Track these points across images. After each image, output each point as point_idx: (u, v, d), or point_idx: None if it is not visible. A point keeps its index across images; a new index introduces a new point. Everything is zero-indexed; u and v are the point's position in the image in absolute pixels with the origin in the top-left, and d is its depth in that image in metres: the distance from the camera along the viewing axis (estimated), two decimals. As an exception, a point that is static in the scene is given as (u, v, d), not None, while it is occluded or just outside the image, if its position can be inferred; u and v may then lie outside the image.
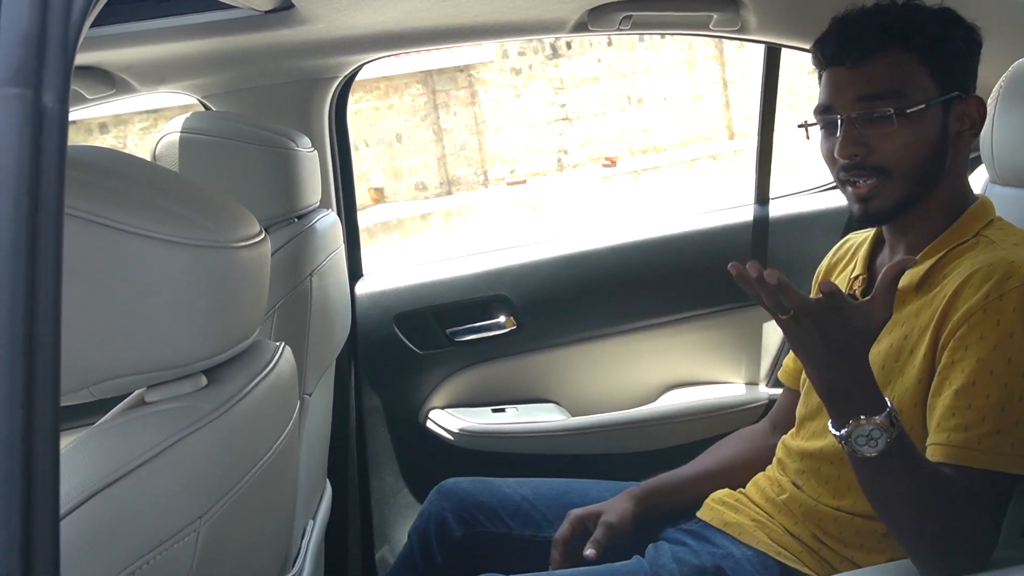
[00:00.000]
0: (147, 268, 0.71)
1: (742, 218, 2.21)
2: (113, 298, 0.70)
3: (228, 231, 0.78)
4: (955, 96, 1.16)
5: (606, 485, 1.54)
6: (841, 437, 0.99)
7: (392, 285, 2.12)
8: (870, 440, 0.97)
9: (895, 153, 1.14)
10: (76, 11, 0.53)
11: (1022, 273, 1.04)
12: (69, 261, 0.68)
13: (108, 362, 0.71)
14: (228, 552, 0.79)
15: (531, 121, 10.55)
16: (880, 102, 1.13)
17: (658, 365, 2.18)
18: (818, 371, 0.99)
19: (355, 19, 1.62)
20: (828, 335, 0.94)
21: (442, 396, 2.12)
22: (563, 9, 1.73)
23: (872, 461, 0.99)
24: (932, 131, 1.14)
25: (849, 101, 1.16)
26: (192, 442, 0.73)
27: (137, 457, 0.69)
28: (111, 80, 1.73)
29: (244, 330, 0.82)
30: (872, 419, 0.97)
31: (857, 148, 1.15)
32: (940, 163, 1.16)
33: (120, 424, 0.74)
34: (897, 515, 1.03)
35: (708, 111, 11.14)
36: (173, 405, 0.75)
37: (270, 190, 1.45)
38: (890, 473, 1.00)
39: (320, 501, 1.71)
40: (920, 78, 1.14)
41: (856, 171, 1.17)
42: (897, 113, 1.12)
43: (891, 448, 0.97)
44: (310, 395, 1.49)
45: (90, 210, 0.68)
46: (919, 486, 1.00)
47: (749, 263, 0.93)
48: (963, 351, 1.05)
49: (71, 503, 0.65)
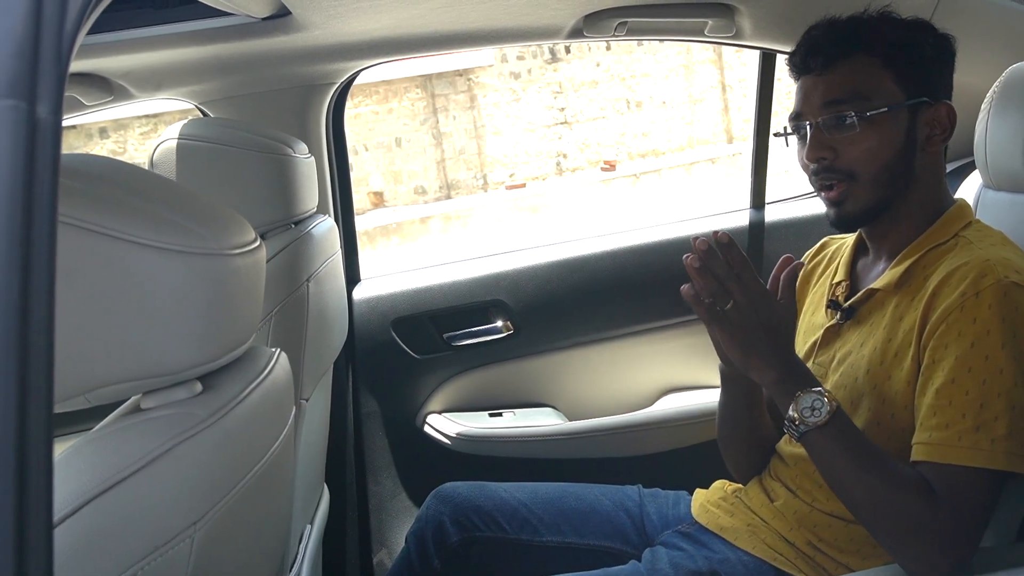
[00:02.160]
0: (142, 275, 0.72)
1: (738, 222, 2.22)
2: (107, 305, 0.71)
3: (223, 238, 0.78)
4: (923, 101, 1.18)
5: (603, 489, 1.54)
6: (790, 419, 1.08)
7: (389, 290, 2.12)
8: (815, 410, 1.06)
9: (860, 156, 1.17)
10: (70, 21, 0.53)
11: (997, 271, 1.06)
12: (64, 268, 0.68)
13: (103, 369, 0.72)
14: (223, 557, 0.80)
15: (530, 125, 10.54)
16: (844, 106, 1.17)
17: (655, 369, 2.18)
18: (761, 359, 1.08)
19: (351, 25, 1.63)
20: (769, 319, 1.06)
21: (439, 400, 2.13)
22: (558, 16, 1.74)
23: (821, 433, 1.06)
24: (897, 135, 1.17)
25: (816, 107, 1.20)
26: (187, 449, 0.73)
27: (132, 464, 0.70)
28: (109, 87, 1.74)
29: (239, 337, 0.83)
30: (810, 390, 1.07)
31: (824, 152, 1.19)
32: (908, 167, 1.19)
33: (115, 431, 0.74)
34: (858, 497, 1.06)
35: (707, 115, 11.14)
36: (168, 412, 0.76)
37: (267, 196, 1.45)
38: (839, 443, 1.06)
39: (318, 505, 1.71)
40: (884, 83, 1.17)
41: (825, 175, 1.20)
42: (859, 117, 1.16)
43: (833, 416, 1.06)
44: (307, 400, 1.49)
45: (84, 218, 0.69)
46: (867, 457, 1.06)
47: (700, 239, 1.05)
48: (943, 350, 1.06)
49: (66, 510, 0.66)
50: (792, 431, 1.09)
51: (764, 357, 1.08)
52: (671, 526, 1.43)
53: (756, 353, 1.08)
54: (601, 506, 1.50)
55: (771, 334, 1.07)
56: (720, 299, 1.06)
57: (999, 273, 1.05)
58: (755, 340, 1.07)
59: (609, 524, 1.48)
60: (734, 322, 1.06)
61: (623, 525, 1.47)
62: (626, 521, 1.48)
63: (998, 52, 1.64)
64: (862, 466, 1.05)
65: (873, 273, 1.27)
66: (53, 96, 0.52)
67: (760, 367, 1.09)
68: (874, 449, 1.07)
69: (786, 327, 1.10)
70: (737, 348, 1.08)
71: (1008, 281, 1.05)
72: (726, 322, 1.07)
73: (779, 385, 1.09)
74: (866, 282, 1.27)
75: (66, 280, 0.69)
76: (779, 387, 1.09)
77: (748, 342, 1.07)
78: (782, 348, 1.09)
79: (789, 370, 1.09)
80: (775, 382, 1.09)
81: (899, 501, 1.03)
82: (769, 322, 1.07)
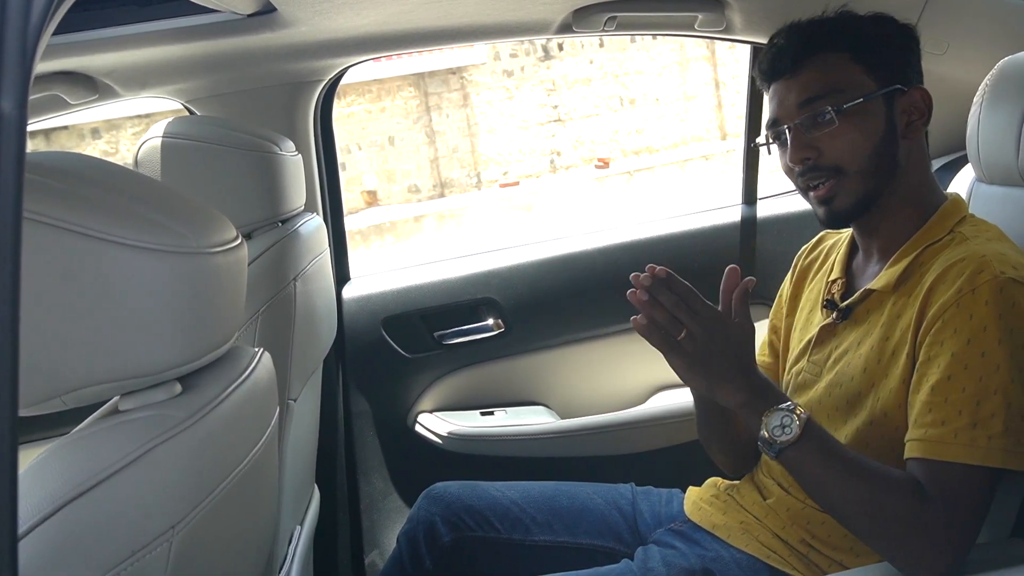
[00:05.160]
0: (118, 275, 0.71)
1: (730, 218, 2.21)
2: (83, 305, 0.69)
3: (202, 236, 0.77)
4: (896, 89, 1.18)
5: (595, 488, 1.53)
6: (762, 439, 1.06)
7: (379, 288, 2.11)
8: (784, 428, 1.04)
9: (844, 149, 1.17)
10: (35, 16, 0.52)
11: (994, 267, 1.05)
12: (39, 268, 0.67)
13: (78, 370, 0.70)
14: (203, 562, 0.78)
15: (524, 123, 10.55)
16: (820, 102, 1.17)
17: (647, 367, 2.17)
18: (724, 382, 1.06)
19: (338, 22, 1.62)
20: (726, 343, 1.05)
21: (431, 399, 2.12)
22: (547, 10, 1.73)
23: (795, 449, 1.04)
24: (877, 125, 1.17)
25: (791, 110, 1.20)
26: (165, 451, 0.72)
27: (108, 467, 0.68)
28: (94, 85, 1.72)
29: (220, 336, 0.81)
30: (777, 407, 1.05)
31: (807, 152, 1.19)
32: (892, 156, 1.19)
33: (92, 433, 0.73)
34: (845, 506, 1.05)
35: (700, 112, 11.15)
36: (146, 413, 0.75)
37: (253, 194, 1.44)
38: (815, 456, 1.05)
39: (308, 506, 1.70)
40: (854, 75, 1.18)
41: (812, 174, 1.20)
42: (836, 111, 1.16)
43: (805, 431, 1.04)
44: (295, 400, 1.48)
45: (60, 216, 0.68)
46: (848, 465, 1.04)
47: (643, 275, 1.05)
48: (938, 347, 1.05)
49: (41, 514, 0.65)
50: (767, 451, 1.07)
51: (727, 380, 1.06)
52: (664, 524, 1.42)
53: (717, 377, 1.06)
54: (593, 505, 1.49)
55: (729, 357, 1.06)
56: (673, 328, 1.05)
57: (995, 268, 1.04)
58: (714, 365, 1.05)
59: (602, 523, 1.47)
60: (689, 352, 1.05)
61: (616, 524, 1.47)
62: (619, 520, 1.47)
63: (989, 45, 1.64)
64: (844, 474, 1.04)
65: (869, 271, 1.26)
66: (17, 91, 0.51)
67: (725, 391, 1.07)
68: (855, 456, 1.06)
69: (744, 346, 1.08)
70: (697, 376, 1.07)
71: (1004, 277, 1.04)
72: (682, 352, 1.05)
73: (745, 407, 1.07)
74: (862, 280, 1.26)
75: (40, 279, 0.68)
76: (746, 409, 1.08)
77: (707, 369, 1.06)
78: (743, 368, 1.07)
79: (753, 390, 1.07)
80: (741, 404, 1.07)
81: (888, 503, 1.02)
82: (727, 346, 1.05)
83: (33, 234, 0.67)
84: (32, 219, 0.67)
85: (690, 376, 1.07)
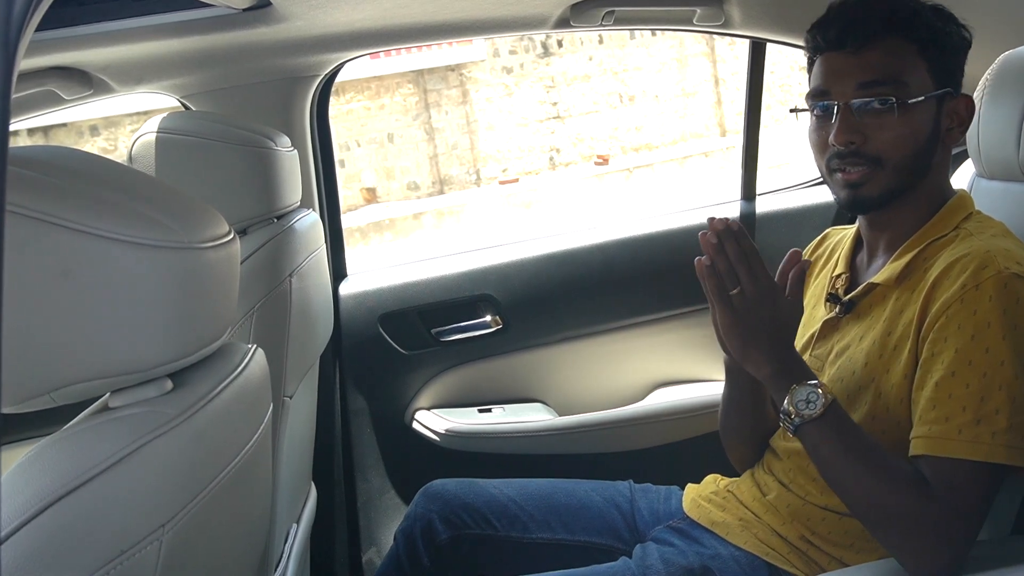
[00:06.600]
0: (108, 270, 0.70)
1: (729, 214, 2.20)
2: (72, 301, 0.69)
3: (193, 231, 0.76)
4: (948, 92, 1.16)
5: (593, 485, 1.53)
6: (784, 411, 1.07)
7: (376, 285, 2.10)
8: (809, 403, 1.05)
9: (891, 143, 1.13)
10: (17, 7, 0.51)
11: (998, 263, 1.04)
12: (25, 263, 0.66)
13: (67, 367, 0.70)
14: (194, 560, 0.78)
15: (523, 120, 10.53)
16: (883, 88, 1.12)
17: (645, 363, 2.16)
18: (759, 352, 1.07)
19: (334, 16, 1.61)
20: (774, 312, 1.06)
21: (428, 397, 2.11)
22: (545, 5, 1.72)
23: (816, 426, 1.05)
24: (926, 125, 1.14)
25: (848, 87, 1.15)
26: (155, 448, 0.71)
27: (97, 464, 0.68)
28: (88, 80, 1.71)
29: (212, 332, 0.81)
30: (805, 383, 1.06)
31: (853, 136, 1.14)
32: (929, 158, 1.17)
33: (81, 431, 0.72)
34: (853, 491, 1.05)
35: (700, 108, 11.14)
36: (136, 410, 0.74)
37: (248, 190, 1.43)
38: (834, 436, 1.05)
39: (304, 504, 1.69)
40: (919, 70, 1.14)
41: (850, 159, 1.15)
42: (899, 103, 1.12)
43: (828, 409, 1.05)
44: (291, 397, 1.47)
45: (47, 211, 0.67)
46: (863, 450, 1.05)
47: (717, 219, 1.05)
48: (942, 343, 1.05)
49: (29, 512, 0.64)
50: (787, 424, 1.07)
51: (762, 351, 1.07)
52: (662, 521, 1.42)
53: (755, 346, 1.07)
54: (592, 502, 1.48)
55: (773, 329, 1.06)
56: (729, 280, 1.05)
57: (1000, 264, 1.04)
58: (756, 333, 1.06)
59: (600, 520, 1.46)
60: (738, 310, 1.06)
61: (614, 521, 1.46)
62: (617, 517, 1.46)
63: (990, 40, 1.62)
64: (858, 459, 1.04)
65: (873, 267, 1.25)
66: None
67: (756, 360, 1.08)
68: (870, 442, 1.06)
69: (788, 322, 1.09)
70: (737, 337, 1.07)
71: (1009, 272, 1.03)
72: (730, 308, 1.06)
73: (774, 379, 1.08)
74: (866, 275, 1.25)
75: (27, 275, 0.67)
76: (774, 380, 1.08)
77: (748, 333, 1.06)
78: (782, 344, 1.08)
79: (784, 363, 1.08)
80: (770, 376, 1.08)
81: (895, 495, 1.02)
82: (774, 318, 1.06)
83: (19, 229, 0.66)
84: (17, 213, 0.66)
85: (729, 334, 1.08)
